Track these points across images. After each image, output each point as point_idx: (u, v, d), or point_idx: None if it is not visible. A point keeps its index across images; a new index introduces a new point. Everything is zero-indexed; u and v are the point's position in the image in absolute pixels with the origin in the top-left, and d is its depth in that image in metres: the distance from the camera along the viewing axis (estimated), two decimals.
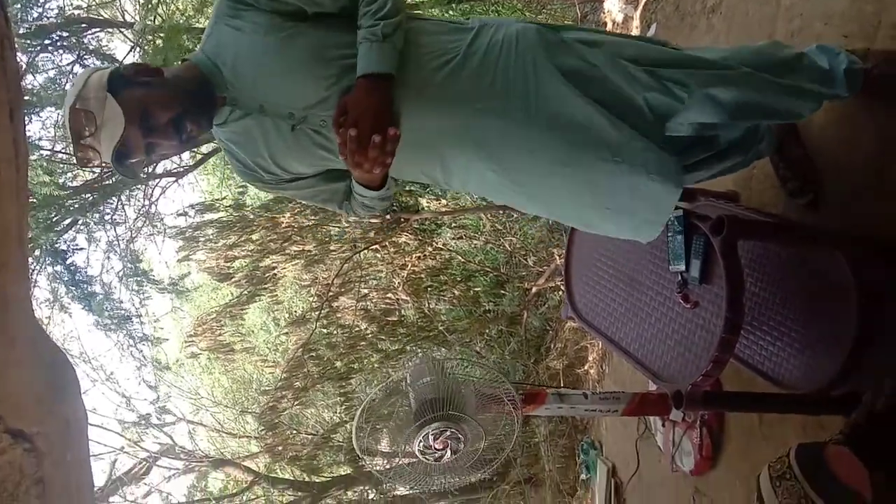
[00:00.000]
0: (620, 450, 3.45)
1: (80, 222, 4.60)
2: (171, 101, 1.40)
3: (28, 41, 4.02)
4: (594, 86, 1.43)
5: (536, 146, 1.44)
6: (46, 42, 4.16)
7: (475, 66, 1.43)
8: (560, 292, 4.22)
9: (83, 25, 4.33)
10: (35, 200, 3.89)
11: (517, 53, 1.44)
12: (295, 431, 5.07)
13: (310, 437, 4.98)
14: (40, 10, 4.18)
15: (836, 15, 1.95)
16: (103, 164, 1.41)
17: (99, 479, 5.57)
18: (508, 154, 1.47)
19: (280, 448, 4.66)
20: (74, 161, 1.43)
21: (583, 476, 4.00)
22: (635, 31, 3.62)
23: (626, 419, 3.17)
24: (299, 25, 1.42)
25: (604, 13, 4.01)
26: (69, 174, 4.42)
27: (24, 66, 4.01)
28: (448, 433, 2.24)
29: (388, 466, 2.53)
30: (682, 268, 1.67)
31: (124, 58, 4.30)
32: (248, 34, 1.42)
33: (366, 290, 4.85)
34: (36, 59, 4.18)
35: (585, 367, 4.15)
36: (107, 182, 4.28)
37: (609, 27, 3.96)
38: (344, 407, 4.74)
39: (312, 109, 1.44)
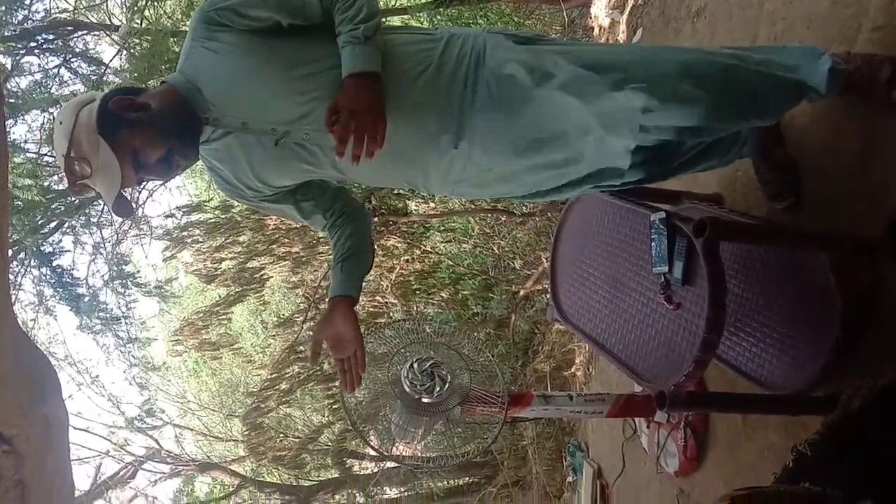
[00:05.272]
0: (607, 452, 3.46)
1: (65, 225, 4.57)
2: (160, 139, 1.44)
3: (13, 44, 3.99)
4: (554, 86, 1.44)
5: (504, 141, 1.51)
6: (32, 44, 4.13)
7: (448, 75, 1.46)
8: (547, 295, 4.23)
9: (69, 28, 4.30)
10: (20, 203, 3.86)
11: (485, 65, 1.46)
12: (280, 433, 5.05)
13: (296, 439, 4.96)
14: (26, 12, 4.16)
15: (818, 18, 1.97)
16: (99, 194, 1.45)
17: (84, 483, 5.55)
18: (481, 146, 1.52)
19: (263, 448, 4.64)
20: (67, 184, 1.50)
21: (570, 479, 4.00)
22: (621, 36, 3.65)
23: (612, 421, 3.18)
24: (275, 41, 1.44)
25: (591, 18, 4.03)
26: (54, 177, 4.39)
27: (9, 68, 3.99)
28: (431, 363, 2.48)
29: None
30: (665, 269, 1.68)
31: (110, 61, 4.27)
32: (225, 55, 1.44)
33: None
34: (21, 61, 4.16)
35: (572, 370, 4.15)
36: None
37: (596, 32, 3.98)
38: (331, 409, 4.72)
39: (294, 124, 1.47)
